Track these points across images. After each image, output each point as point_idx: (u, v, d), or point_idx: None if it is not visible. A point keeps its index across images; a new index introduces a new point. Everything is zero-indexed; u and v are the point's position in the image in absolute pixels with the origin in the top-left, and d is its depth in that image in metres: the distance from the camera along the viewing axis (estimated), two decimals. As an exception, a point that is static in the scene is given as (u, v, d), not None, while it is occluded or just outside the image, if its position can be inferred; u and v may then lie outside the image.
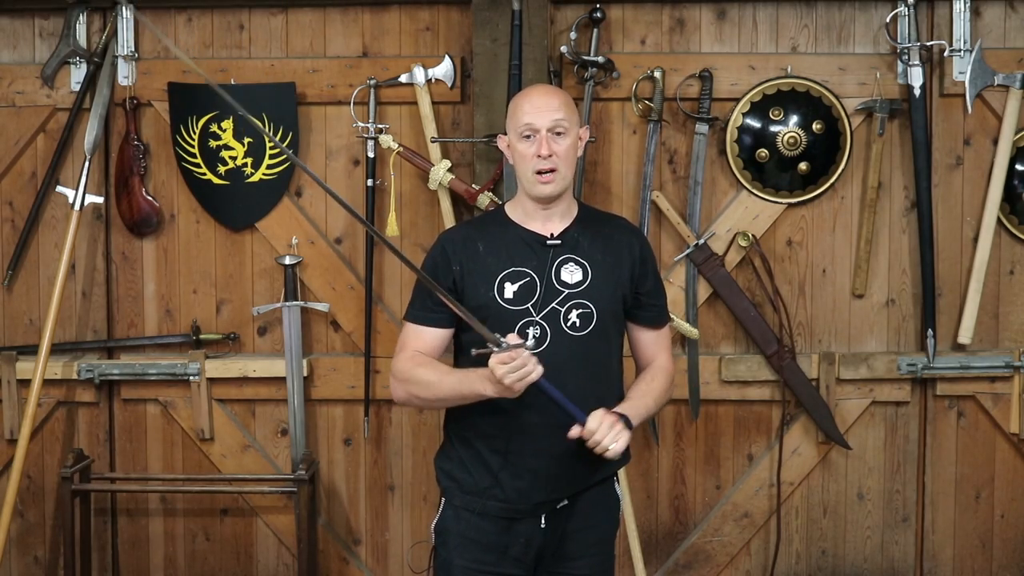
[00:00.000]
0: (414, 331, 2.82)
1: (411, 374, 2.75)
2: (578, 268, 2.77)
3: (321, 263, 4.12)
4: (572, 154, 2.78)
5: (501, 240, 2.79)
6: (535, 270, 2.75)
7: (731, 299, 4.03)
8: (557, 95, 2.81)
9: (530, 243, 2.78)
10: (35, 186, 4.16)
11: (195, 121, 4.05)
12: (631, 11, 4.05)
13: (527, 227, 2.81)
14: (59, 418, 4.21)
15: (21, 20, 4.17)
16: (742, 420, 4.13)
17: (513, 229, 2.81)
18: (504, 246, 2.78)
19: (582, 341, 2.74)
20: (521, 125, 2.75)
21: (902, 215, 4.05)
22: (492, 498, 2.76)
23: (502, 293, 2.74)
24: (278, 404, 4.16)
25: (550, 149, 2.72)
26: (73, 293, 4.18)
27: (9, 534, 4.06)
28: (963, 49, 3.94)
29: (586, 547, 2.83)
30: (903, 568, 4.14)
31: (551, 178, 2.74)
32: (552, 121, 2.73)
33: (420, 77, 3.97)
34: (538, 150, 2.72)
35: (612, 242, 2.83)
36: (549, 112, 2.74)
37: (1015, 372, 4.01)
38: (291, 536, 4.12)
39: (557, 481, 2.76)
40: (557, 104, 2.76)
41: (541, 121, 2.73)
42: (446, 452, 2.88)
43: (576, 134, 2.80)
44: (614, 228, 2.88)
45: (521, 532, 2.78)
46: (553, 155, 2.73)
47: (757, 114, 3.99)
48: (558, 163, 2.73)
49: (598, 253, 2.79)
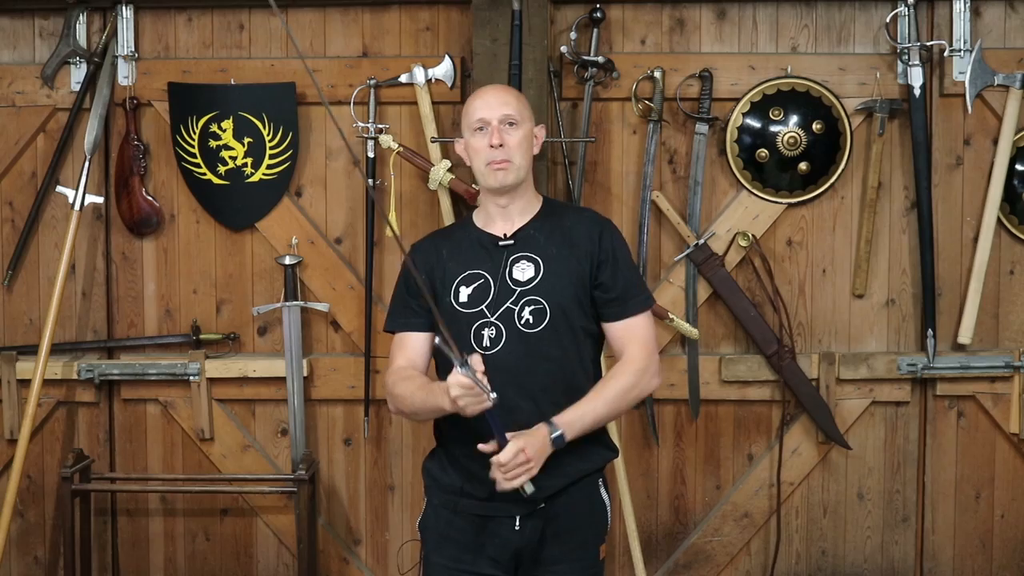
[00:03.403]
0: (397, 341, 2.88)
1: (392, 389, 2.82)
2: (530, 265, 2.77)
3: (321, 263, 4.12)
4: (526, 146, 2.81)
5: (461, 245, 2.85)
6: (489, 271, 2.77)
7: (731, 299, 4.03)
8: (509, 91, 2.90)
9: (484, 245, 2.81)
10: (35, 186, 4.16)
11: (195, 121, 4.05)
12: (631, 11, 4.05)
13: (487, 230, 2.84)
14: (59, 418, 4.21)
15: (21, 20, 4.17)
16: (742, 420, 4.13)
17: (474, 233, 2.86)
18: (462, 250, 2.83)
19: (537, 338, 2.73)
20: (473, 120, 2.81)
21: (902, 215, 4.05)
22: (465, 496, 2.79)
23: (457, 297, 2.77)
24: (278, 404, 4.16)
25: (501, 139, 2.77)
26: (73, 293, 4.18)
27: (9, 534, 4.06)
28: (963, 49, 3.94)
29: (566, 552, 2.80)
30: (903, 568, 4.14)
31: (504, 166, 2.77)
32: (503, 114, 2.79)
33: (420, 77, 3.97)
34: (490, 141, 2.77)
35: (571, 234, 2.81)
36: (500, 106, 2.80)
37: (1015, 372, 4.01)
38: (291, 536, 4.12)
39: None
40: (508, 99, 2.83)
41: (492, 114, 2.79)
42: (432, 452, 2.94)
43: (529, 128, 2.83)
44: (577, 220, 2.86)
45: (496, 532, 2.77)
46: (505, 145, 2.77)
47: (757, 114, 3.99)
48: (511, 153, 2.77)
49: (553, 247, 2.79)
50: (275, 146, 4.06)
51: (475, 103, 2.84)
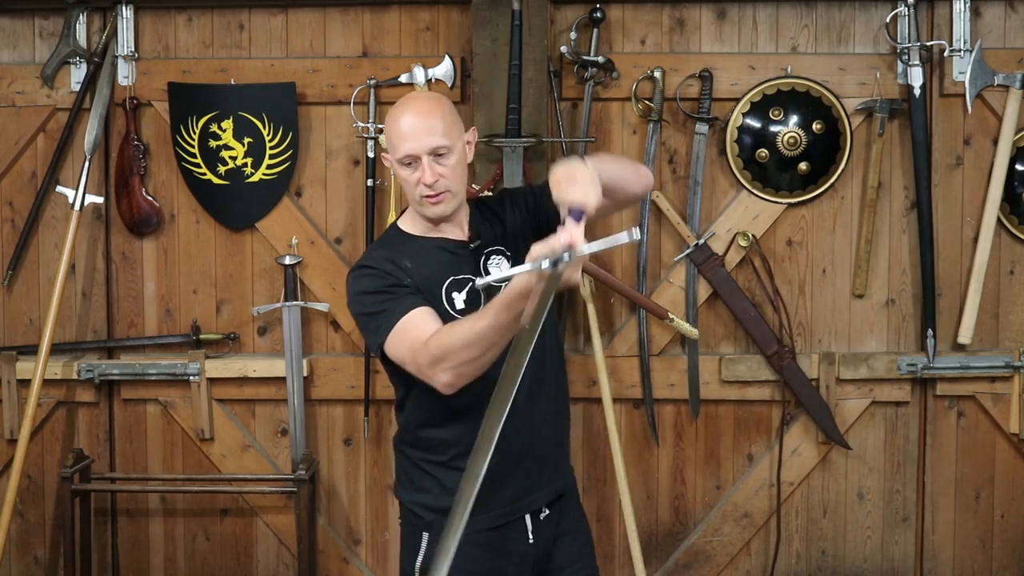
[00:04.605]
0: (418, 317, 2.53)
1: (443, 343, 2.43)
2: (500, 257, 2.69)
3: (321, 263, 4.12)
4: (460, 170, 2.62)
5: (423, 254, 2.64)
6: (473, 274, 2.64)
7: (731, 299, 4.03)
8: (431, 113, 2.59)
9: (452, 250, 2.66)
10: (35, 186, 4.16)
11: (195, 121, 4.05)
12: (631, 11, 4.05)
13: (444, 236, 2.67)
14: (59, 418, 4.21)
15: (21, 20, 4.17)
16: (742, 420, 4.13)
17: (429, 242, 2.66)
18: (430, 259, 2.64)
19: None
20: (400, 154, 2.58)
21: (902, 215, 4.05)
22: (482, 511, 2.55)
23: (453, 304, 2.63)
24: (278, 404, 4.16)
25: (434, 174, 2.57)
26: (73, 293, 4.18)
27: (9, 534, 4.05)
28: (963, 49, 3.94)
29: (571, 557, 2.77)
30: (903, 568, 4.14)
31: (442, 198, 2.59)
32: (431, 147, 2.56)
33: (420, 77, 3.97)
34: (421, 178, 2.57)
35: (504, 214, 2.74)
36: (426, 135, 2.56)
37: (1015, 372, 4.01)
38: (291, 536, 4.12)
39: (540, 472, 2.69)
40: (433, 124, 2.57)
41: (419, 146, 2.56)
42: (415, 484, 2.70)
43: (461, 147, 2.62)
44: (496, 203, 2.78)
45: (512, 552, 2.68)
46: (439, 179, 2.57)
47: (757, 114, 3.99)
48: (446, 184, 2.59)
49: (501, 229, 2.71)
50: (275, 146, 4.06)
51: (399, 130, 2.58)
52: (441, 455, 2.67)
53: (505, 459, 2.60)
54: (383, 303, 2.57)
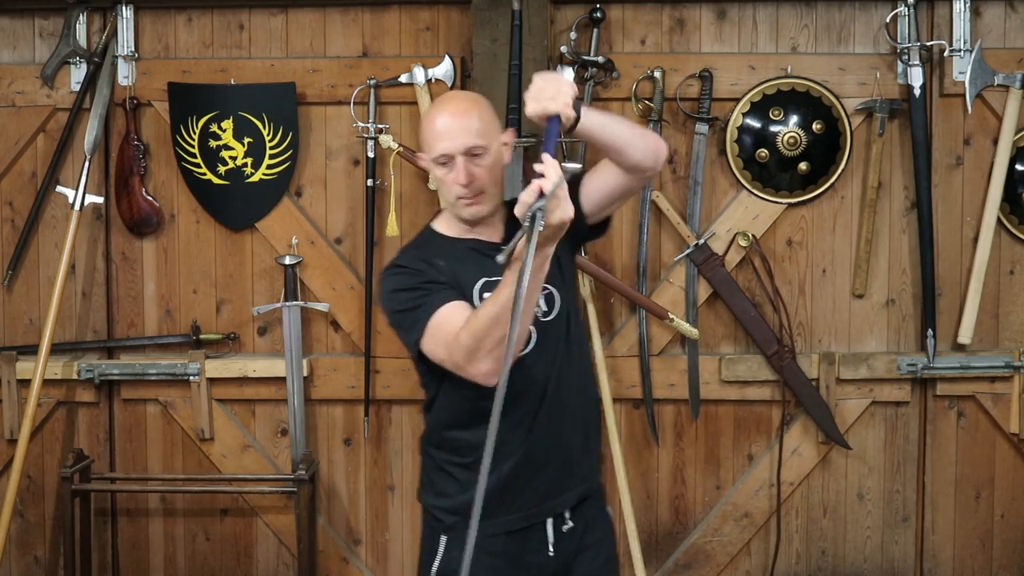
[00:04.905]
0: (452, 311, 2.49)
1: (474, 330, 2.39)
2: None
3: (321, 263, 4.12)
4: (496, 171, 2.60)
5: (456, 255, 2.62)
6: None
7: (731, 299, 4.03)
8: (467, 113, 2.57)
9: (485, 252, 2.61)
10: (35, 186, 4.16)
11: (195, 121, 4.05)
12: (631, 11, 4.05)
13: (478, 238, 2.64)
14: (59, 418, 4.21)
15: (21, 20, 4.17)
16: (742, 420, 4.13)
17: (463, 243, 2.64)
18: (465, 259, 2.63)
19: (556, 323, 2.62)
20: (435, 152, 2.56)
21: (902, 215, 4.05)
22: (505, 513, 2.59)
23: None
24: (278, 404, 4.16)
25: (470, 175, 2.54)
26: (73, 293, 4.18)
27: (9, 534, 4.05)
28: (963, 49, 3.94)
29: (593, 572, 2.72)
30: (903, 568, 4.14)
31: (477, 200, 2.58)
32: (466, 146, 2.54)
33: (420, 77, 3.97)
34: (456, 179, 2.55)
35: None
36: (462, 135, 2.54)
37: (1015, 372, 4.01)
38: (291, 536, 4.12)
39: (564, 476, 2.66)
40: (469, 123, 2.55)
41: (454, 146, 2.54)
42: (435, 487, 2.69)
43: (497, 148, 2.60)
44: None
45: (531, 563, 2.64)
46: (474, 180, 2.55)
47: (757, 114, 3.99)
48: (482, 186, 2.56)
49: None
50: (275, 146, 4.06)
51: (435, 129, 2.56)
52: (464, 457, 2.64)
53: (528, 462, 2.61)
54: (417, 299, 2.54)
